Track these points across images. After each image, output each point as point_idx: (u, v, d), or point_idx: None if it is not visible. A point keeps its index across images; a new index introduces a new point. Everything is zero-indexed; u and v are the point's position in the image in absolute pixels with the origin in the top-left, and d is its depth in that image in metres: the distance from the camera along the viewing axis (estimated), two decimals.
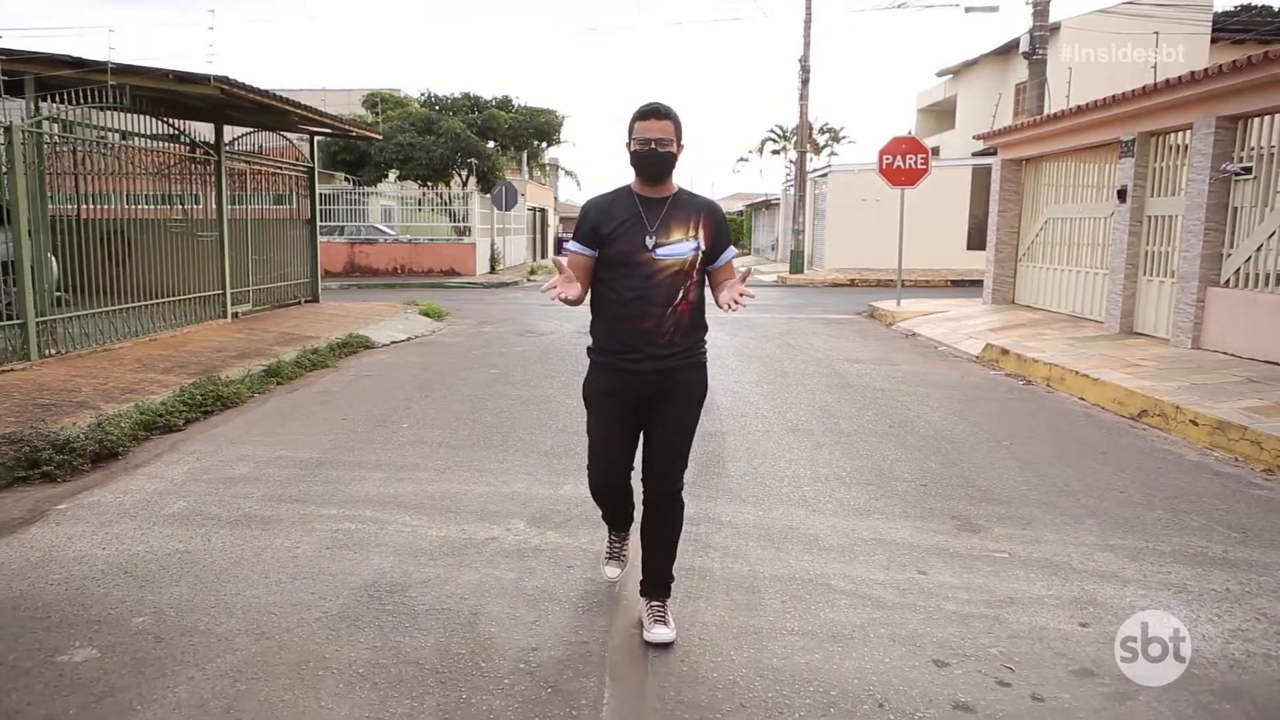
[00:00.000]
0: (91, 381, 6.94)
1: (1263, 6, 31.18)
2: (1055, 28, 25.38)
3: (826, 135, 47.80)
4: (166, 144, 9.84)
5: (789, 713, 2.57)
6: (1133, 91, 9.43)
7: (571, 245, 3.01)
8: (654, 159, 2.90)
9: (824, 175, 27.72)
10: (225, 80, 8.29)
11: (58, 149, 8.45)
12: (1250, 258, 8.16)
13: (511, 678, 2.77)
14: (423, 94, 27.25)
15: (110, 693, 2.68)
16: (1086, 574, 3.62)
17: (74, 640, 3.01)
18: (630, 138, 2.93)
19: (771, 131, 47.96)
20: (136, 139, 9.23)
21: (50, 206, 8.03)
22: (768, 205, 43.65)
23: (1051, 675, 2.80)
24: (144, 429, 5.80)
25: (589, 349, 3.09)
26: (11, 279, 7.71)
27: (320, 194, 13.51)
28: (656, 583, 3.10)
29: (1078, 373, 7.69)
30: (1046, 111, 15.46)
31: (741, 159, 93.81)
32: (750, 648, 2.97)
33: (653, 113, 2.91)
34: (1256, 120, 8.20)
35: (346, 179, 25.08)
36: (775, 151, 48.53)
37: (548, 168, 41.17)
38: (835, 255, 25.71)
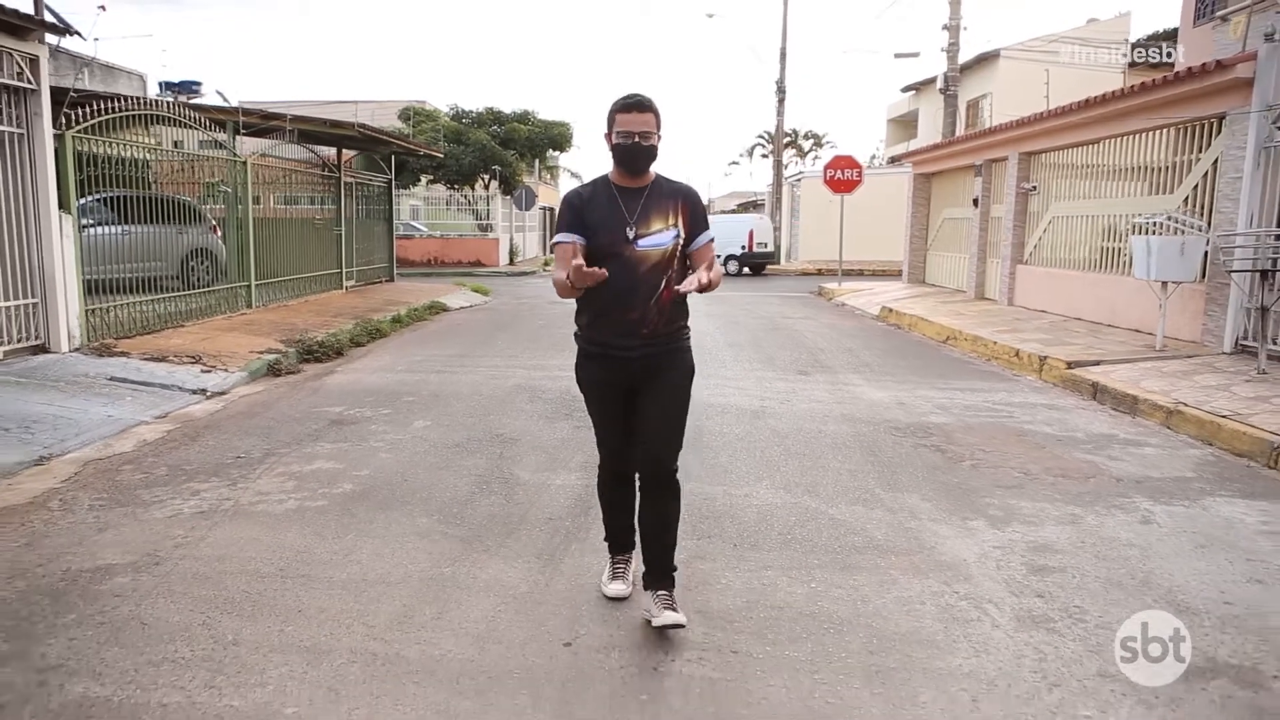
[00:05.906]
0: (296, 320, 11.10)
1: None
2: (996, 54, 29.60)
3: (810, 141, 52.04)
4: (309, 166, 14.03)
5: (698, 412, 6.75)
6: (978, 132, 13.64)
7: (562, 236, 2.98)
8: (638, 152, 2.92)
9: (798, 180, 31.89)
10: (364, 126, 12.47)
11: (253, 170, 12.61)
12: (1036, 244, 12.38)
13: None
14: (450, 108, 31.33)
15: (434, 403, 6.86)
16: (847, 385, 7.81)
17: (402, 397, 7.18)
18: (611, 130, 2.93)
19: (760, 137, 52.34)
20: (294, 163, 13.42)
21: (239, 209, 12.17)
22: (755, 205, 47.76)
23: (805, 403, 6.98)
24: (350, 343, 9.99)
25: (576, 334, 3.14)
26: (199, 261, 11.87)
27: (361, 195, 17.41)
28: (661, 573, 3.09)
29: (924, 319, 11.88)
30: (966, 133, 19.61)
31: (733, 162, 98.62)
32: None
33: (635, 105, 2.91)
34: (1041, 155, 12.40)
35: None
36: (764, 155, 52.83)
37: (555, 170, 45.17)
38: (808, 249, 29.86)
